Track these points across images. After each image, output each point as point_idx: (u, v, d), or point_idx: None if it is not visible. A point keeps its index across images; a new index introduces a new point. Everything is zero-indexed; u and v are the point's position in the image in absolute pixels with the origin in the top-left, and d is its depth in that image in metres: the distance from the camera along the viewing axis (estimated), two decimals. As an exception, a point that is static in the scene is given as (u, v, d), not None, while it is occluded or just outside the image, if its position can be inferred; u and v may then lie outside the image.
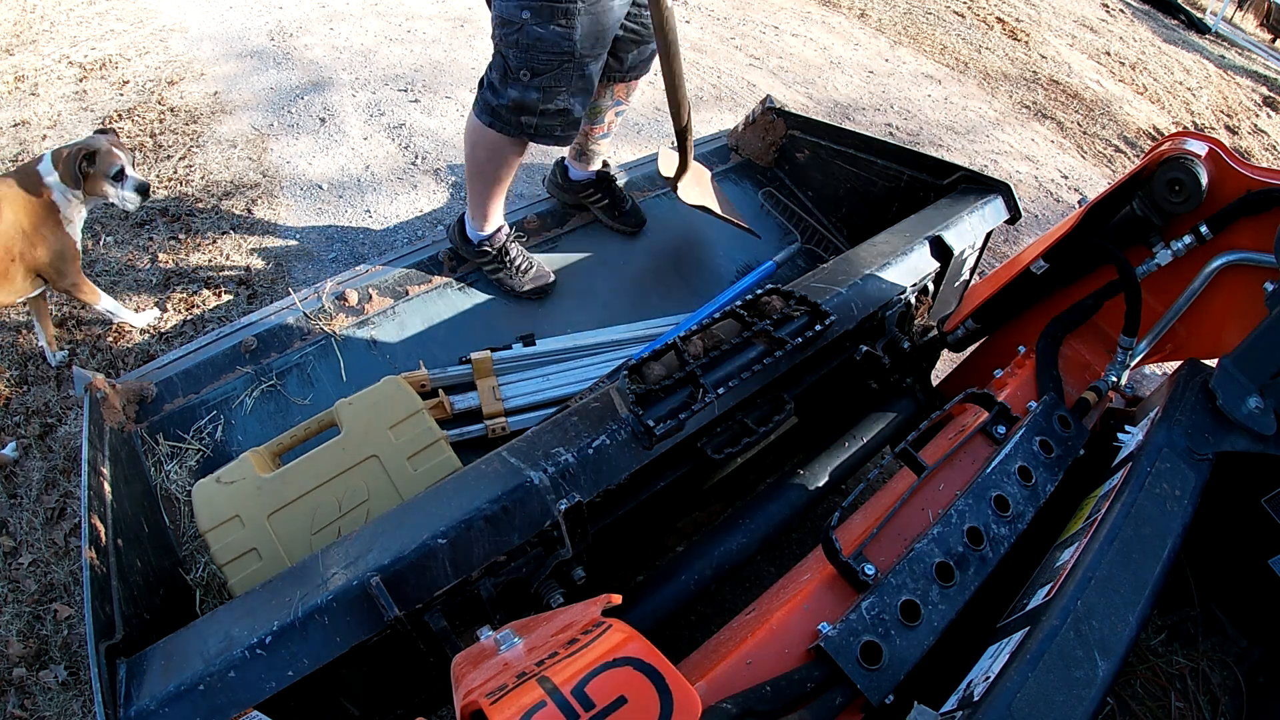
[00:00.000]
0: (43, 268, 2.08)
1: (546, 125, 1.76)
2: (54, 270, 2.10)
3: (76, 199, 2.06)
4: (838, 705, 0.97)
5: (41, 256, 2.06)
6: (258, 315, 1.92)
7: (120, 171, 2.08)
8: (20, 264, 2.03)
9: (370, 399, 1.56)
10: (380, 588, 0.98)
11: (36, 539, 1.98)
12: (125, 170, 2.09)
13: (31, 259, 2.05)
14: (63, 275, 2.13)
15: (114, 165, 2.06)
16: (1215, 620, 1.54)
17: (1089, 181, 3.92)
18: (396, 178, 3.19)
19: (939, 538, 1.13)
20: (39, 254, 2.05)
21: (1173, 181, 1.40)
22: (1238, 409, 1.22)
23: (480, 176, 1.93)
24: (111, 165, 2.06)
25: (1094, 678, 0.90)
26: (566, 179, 2.26)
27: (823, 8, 5.48)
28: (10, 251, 2.00)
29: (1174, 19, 6.84)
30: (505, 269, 2.07)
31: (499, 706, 0.65)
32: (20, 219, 1.99)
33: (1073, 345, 1.66)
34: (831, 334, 1.39)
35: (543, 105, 1.72)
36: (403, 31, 4.28)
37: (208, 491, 1.46)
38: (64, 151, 2.00)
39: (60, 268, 2.11)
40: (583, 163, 2.21)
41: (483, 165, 1.90)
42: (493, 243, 2.04)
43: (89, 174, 2.03)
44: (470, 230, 2.05)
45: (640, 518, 1.38)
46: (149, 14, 4.46)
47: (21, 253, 2.02)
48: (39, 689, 1.71)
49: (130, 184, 2.11)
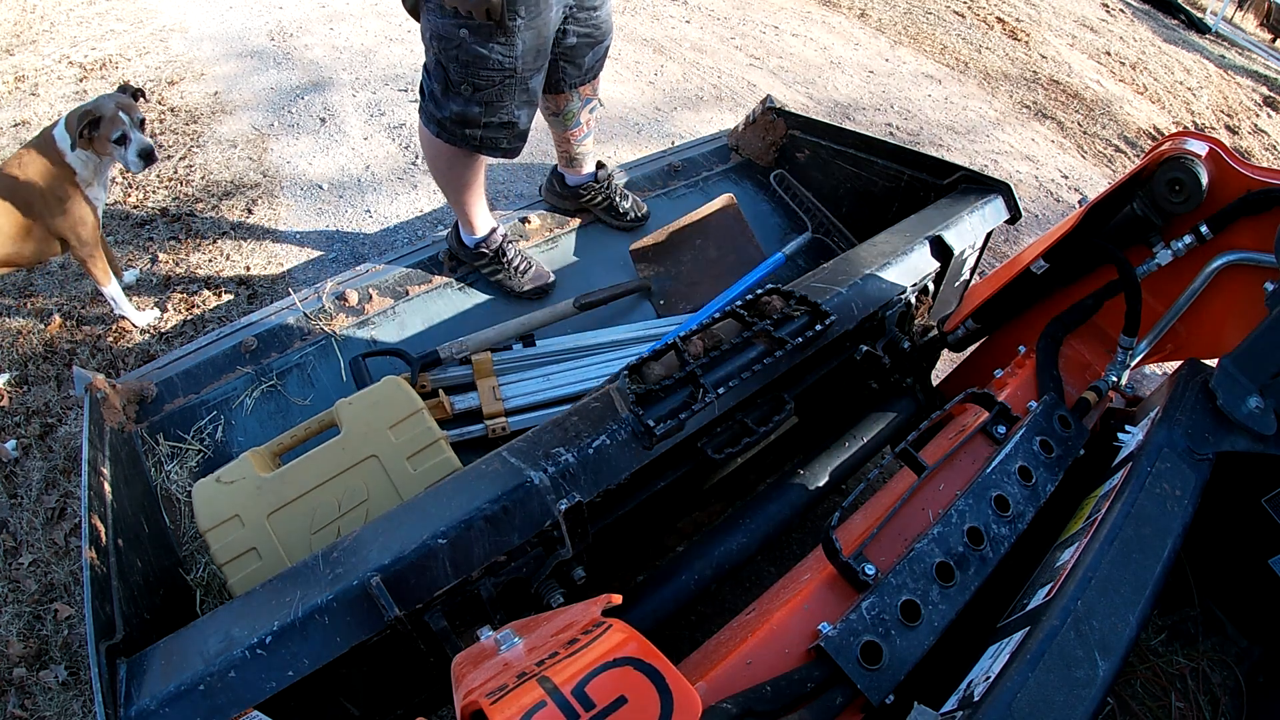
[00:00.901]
0: (62, 232, 2.13)
1: (491, 138, 1.74)
2: (73, 235, 2.14)
3: (90, 162, 2.10)
4: (838, 705, 0.97)
5: (60, 220, 2.10)
6: (258, 315, 1.92)
7: (122, 136, 2.07)
8: (39, 226, 2.09)
9: (370, 399, 1.56)
10: (380, 588, 0.98)
11: (37, 539, 1.98)
12: (128, 134, 2.08)
13: (50, 222, 2.09)
14: (81, 242, 2.16)
15: (116, 130, 2.05)
16: (1215, 620, 1.54)
17: (1089, 181, 3.92)
18: (396, 178, 3.19)
19: (939, 538, 1.13)
20: (57, 218, 2.09)
21: (1173, 181, 1.40)
22: (1238, 409, 1.22)
23: (448, 184, 1.93)
24: (114, 129, 2.05)
25: (1094, 678, 0.90)
26: (564, 185, 2.25)
27: (823, 8, 5.48)
28: (30, 212, 2.05)
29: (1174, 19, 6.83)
30: (503, 270, 2.07)
31: (499, 706, 0.65)
32: (38, 182, 2.04)
33: (1073, 345, 1.66)
34: (832, 334, 1.39)
35: (486, 119, 1.70)
36: (403, 31, 4.28)
37: (208, 491, 1.46)
38: (73, 115, 2.03)
39: (79, 233, 2.15)
40: (575, 168, 2.21)
41: (445, 173, 1.90)
42: (488, 245, 2.04)
43: (93, 138, 2.05)
44: (464, 235, 2.05)
45: (640, 518, 1.38)
46: (149, 14, 4.47)
47: (40, 215, 2.07)
48: (39, 689, 1.71)
49: (134, 148, 2.10)
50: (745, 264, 2.14)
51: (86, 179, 2.11)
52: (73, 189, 2.10)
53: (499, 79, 1.63)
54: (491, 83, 1.63)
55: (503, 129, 1.74)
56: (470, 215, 1.98)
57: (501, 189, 3.19)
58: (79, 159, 2.06)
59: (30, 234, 2.08)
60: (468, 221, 2.00)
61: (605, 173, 2.23)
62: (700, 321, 1.33)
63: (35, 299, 2.61)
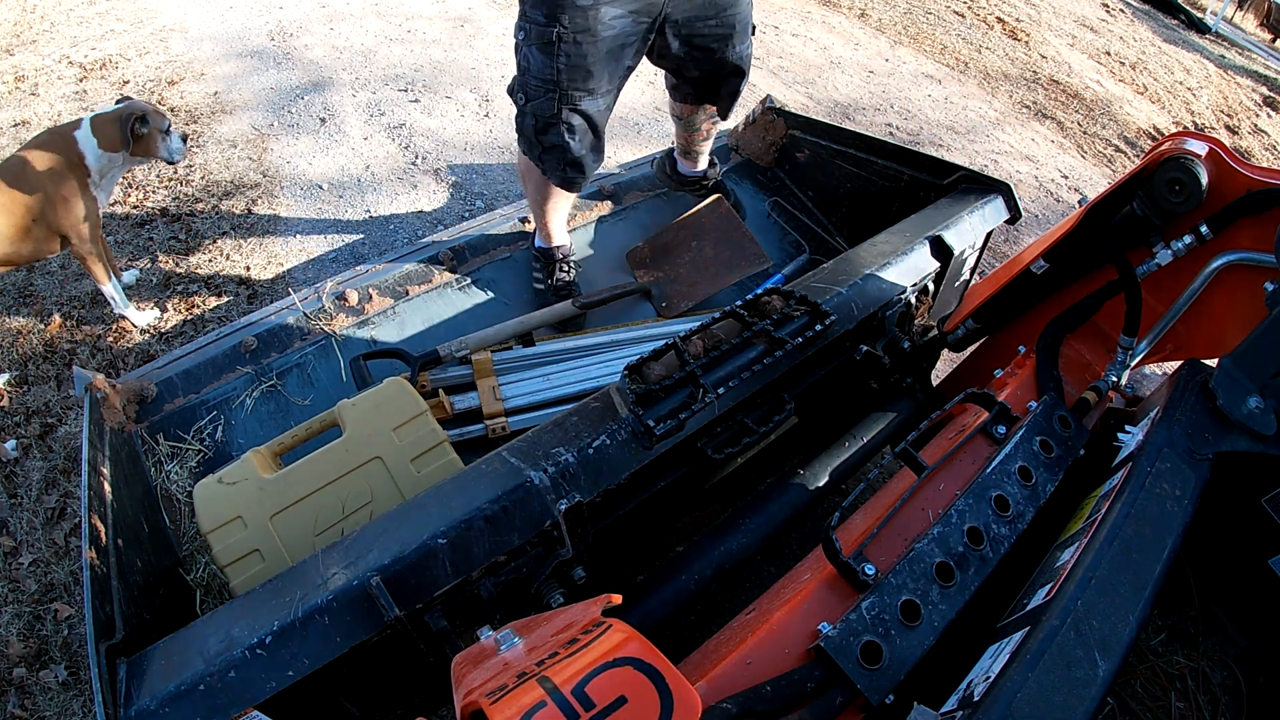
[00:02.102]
0: (64, 229, 2.15)
1: (548, 160, 1.73)
2: (75, 233, 2.17)
3: (114, 164, 2.18)
4: (838, 705, 0.97)
5: (64, 217, 2.13)
6: (258, 315, 1.92)
7: (169, 127, 2.25)
8: (43, 224, 2.11)
9: (373, 400, 1.56)
10: (380, 588, 0.98)
11: (37, 539, 1.98)
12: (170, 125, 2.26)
13: (54, 220, 2.12)
14: (83, 240, 2.19)
15: (165, 120, 2.23)
16: (1215, 620, 1.54)
17: (1089, 181, 3.92)
18: (396, 178, 3.19)
19: (939, 538, 1.13)
20: (61, 215, 2.12)
21: (1173, 181, 1.40)
22: (1238, 409, 1.22)
23: (527, 187, 1.97)
24: (163, 120, 2.23)
25: (1094, 678, 0.90)
26: (676, 171, 2.30)
27: (823, 8, 5.48)
28: (34, 210, 2.08)
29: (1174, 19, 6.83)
30: (542, 282, 2.11)
31: (499, 706, 0.65)
32: (47, 180, 2.07)
33: (1073, 345, 1.66)
34: (832, 334, 1.39)
35: (540, 136, 1.68)
36: (403, 31, 4.28)
37: (209, 492, 1.45)
38: (109, 115, 2.11)
39: (81, 231, 2.18)
40: (690, 161, 2.25)
41: (524, 175, 1.93)
42: (547, 255, 2.09)
43: (142, 134, 2.17)
44: (536, 235, 2.11)
45: (640, 518, 1.38)
46: (149, 14, 4.47)
47: (44, 212, 2.10)
48: (39, 689, 1.71)
49: (175, 136, 2.27)
50: (744, 260, 2.14)
51: (97, 179, 2.16)
52: (80, 188, 2.12)
53: (542, 90, 1.60)
54: (537, 94, 1.61)
55: (554, 152, 1.70)
56: (543, 223, 2.04)
57: (502, 189, 3.19)
58: (101, 160, 2.13)
59: (31, 233, 2.10)
60: (540, 227, 2.06)
61: (714, 170, 2.30)
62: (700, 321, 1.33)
63: (35, 299, 2.61)
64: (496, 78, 3.91)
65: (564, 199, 1.95)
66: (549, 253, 2.09)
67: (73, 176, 2.10)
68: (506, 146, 3.43)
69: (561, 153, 1.70)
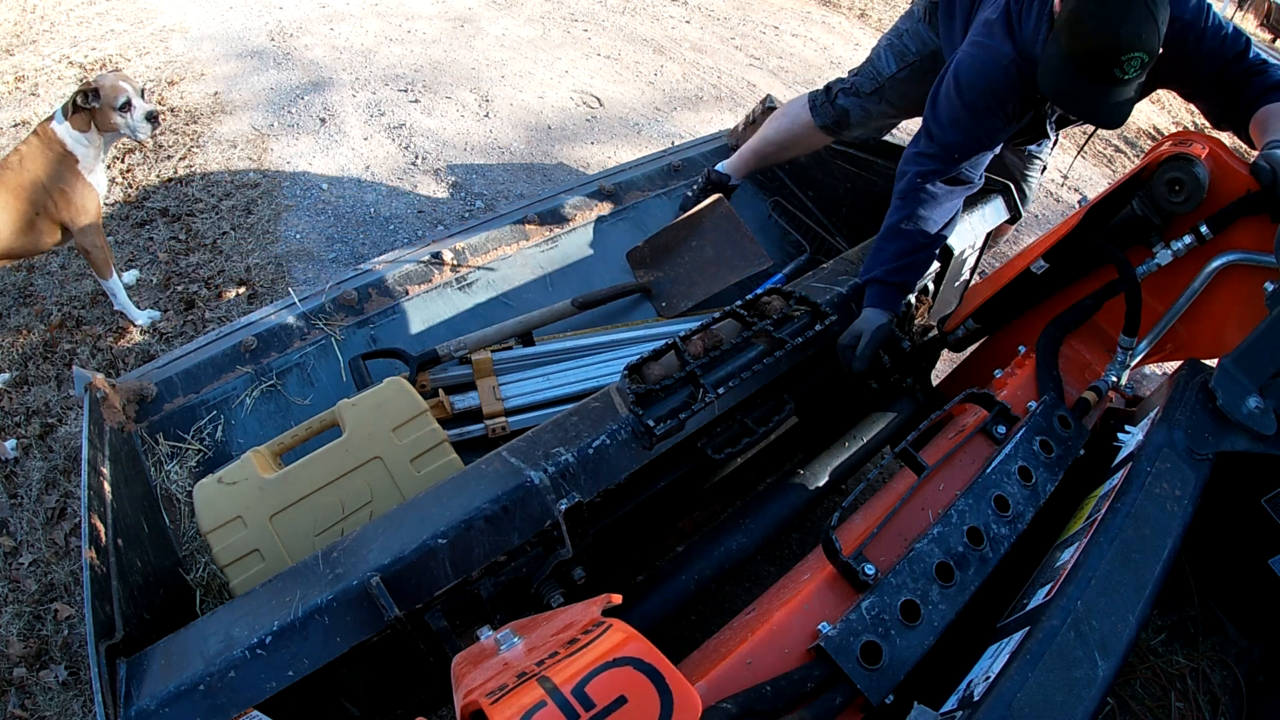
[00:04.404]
0: (65, 219, 2.16)
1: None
2: (75, 223, 2.17)
3: (92, 144, 2.13)
4: (838, 705, 0.97)
5: (63, 208, 2.13)
6: (258, 315, 1.91)
7: (127, 102, 2.10)
8: (45, 217, 2.12)
9: (373, 400, 1.56)
10: (380, 588, 0.98)
11: (37, 539, 1.98)
12: (132, 100, 2.11)
13: (54, 211, 2.13)
14: (84, 232, 2.19)
15: (119, 96, 2.08)
16: (1215, 620, 1.54)
17: (1089, 181, 3.92)
18: (396, 178, 3.19)
19: (939, 538, 1.13)
20: (60, 206, 2.12)
21: (1173, 181, 1.40)
22: (1238, 409, 1.22)
23: (773, 136, 2.22)
24: (117, 96, 2.08)
25: (1094, 678, 0.90)
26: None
27: (823, 8, 5.48)
28: (35, 204, 2.08)
29: (1174, 19, 6.82)
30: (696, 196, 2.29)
31: (499, 706, 0.65)
32: (40, 172, 2.07)
33: (1073, 345, 1.66)
34: (832, 334, 1.39)
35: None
36: (403, 31, 4.28)
37: (209, 492, 1.45)
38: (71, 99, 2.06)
39: (81, 221, 2.17)
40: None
41: (783, 128, 2.20)
42: (718, 180, 2.29)
43: (95, 109, 2.07)
44: (724, 166, 2.32)
45: (640, 518, 1.38)
46: (149, 14, 4.47)
47: (44, 205, 2.11)
48: (39, 689, 1.71)
49: (139, 113, 2.12)
50: (744, 260, 2.14)
51: (88, 165, 2.14)
52: (74, 176, 2.12)
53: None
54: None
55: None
56: (749, 163, 2.29)
57: (502, 189, 3.19)
58: (79, 144, 2.09)
59: (33, 225, 2.10)
60: (742, 164, 2.29)
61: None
62: (701, 321, 1.33)
63: (35, 299, 2.61)
64: (496, 78, 3.91)
65: (795, 151, 2.27)
66: (723, 179, 2.29)
67: (63, 166, 2.09)
68: (506, 146, 3.43)
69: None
